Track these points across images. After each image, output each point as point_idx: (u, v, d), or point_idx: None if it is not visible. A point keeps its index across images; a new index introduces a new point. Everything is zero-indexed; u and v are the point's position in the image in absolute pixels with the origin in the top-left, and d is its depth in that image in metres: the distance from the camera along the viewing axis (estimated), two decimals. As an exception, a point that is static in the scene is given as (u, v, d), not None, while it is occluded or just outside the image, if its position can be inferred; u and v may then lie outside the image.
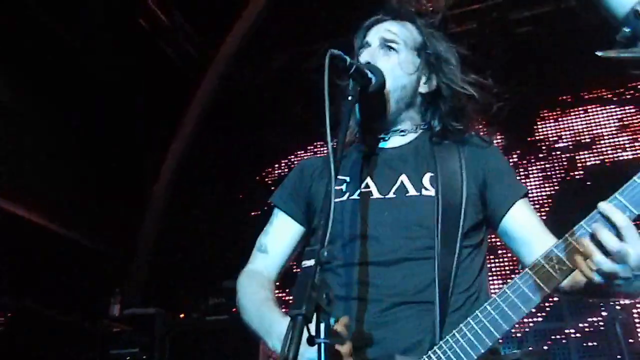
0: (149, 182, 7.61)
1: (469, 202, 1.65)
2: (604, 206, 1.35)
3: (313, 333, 1.14)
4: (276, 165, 8.19)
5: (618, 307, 5.16)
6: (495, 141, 1.84)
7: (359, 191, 1.72)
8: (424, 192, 1.67)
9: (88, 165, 6.46)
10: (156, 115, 7.01)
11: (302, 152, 8.05)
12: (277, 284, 1.93)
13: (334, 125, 1.90)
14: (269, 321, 1.58)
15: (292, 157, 8.14)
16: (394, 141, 1.83)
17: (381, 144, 1.83)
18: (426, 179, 1.69)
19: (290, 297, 1.26)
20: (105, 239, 6.67)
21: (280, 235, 1.90)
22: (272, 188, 7.99)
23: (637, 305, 5.68)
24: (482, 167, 1.73)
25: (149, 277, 7.31)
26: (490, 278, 6.22)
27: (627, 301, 5.54)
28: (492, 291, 1.66)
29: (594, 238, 1.32)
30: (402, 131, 1.83)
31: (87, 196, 6.44)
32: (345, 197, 1.72)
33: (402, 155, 1.78)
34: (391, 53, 1.80)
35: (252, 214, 7.72)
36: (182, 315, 5.60)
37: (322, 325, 1.15)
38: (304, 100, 7.26)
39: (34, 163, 5.75)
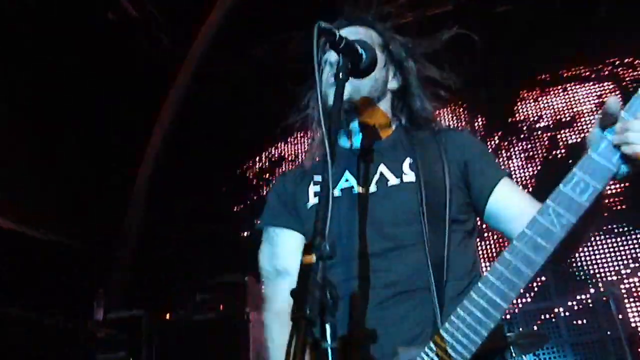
0: (128, 180, 7.47)
1: (453, 185, 1.63)
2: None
3: (318, 336, 1.06)
4: (257, 159, 8.10)
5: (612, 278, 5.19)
6: (475, 124, 1.85)
7: (340, 187, 1.69)
8: (404, 178, 1.65)
9: (66, 165, 6.33)
10: (132, 112, 6.87)
11: (282, 143, 7.96)
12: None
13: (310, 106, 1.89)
14: None
15: (273, 149, 8.04)
16: (370, 135, 1.80)
17: (359, 139, 1.80)
18: (406, 165, 1.68)
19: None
20: (86, 240, 6.54)
21: (290, 251, 1.75)
22: (254, 182, 7.94)
23: (625, 282, 5.74)
24: (461, 151, 1.72)
25: (132, 277, 7.19)
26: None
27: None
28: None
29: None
30: (378, 128, 1.82)
31: (66, 196, 6.31)
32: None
33: (380, 148, 1.77)
34: None
35: (235, 208, 7.64)
36: (168, 316, 5.50)
37: (328, 328, 1.06)
38: (283, 92, 7.16)
39: (9, 165, 5.61)
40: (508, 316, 5.78)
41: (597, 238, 5.90)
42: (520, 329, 5.57)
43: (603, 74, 6.88)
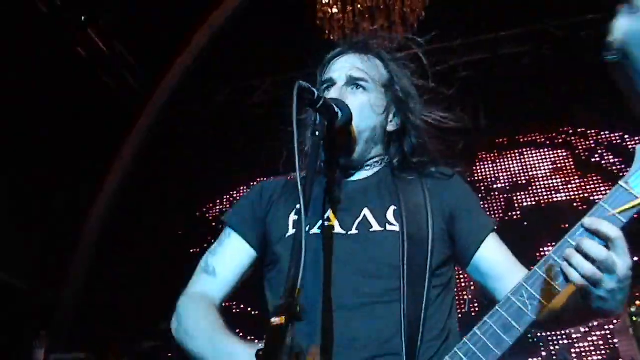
0: (80, 217, 7.25)
1: (437, 238, 1.57)
2: (589, 221, 1.26)
3: None
4: (217, 201, 8.03)
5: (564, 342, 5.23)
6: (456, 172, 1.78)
7: (319, 225, 1.61)
8: (388, 227, 1.57)
9: (13, 202, 6.09)
10: (92, 149, 6.75)
11: (245, 187, 7.94)
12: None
13: (288, 160, 1.84)
14: (229, 350, 1.42)
15: (234, 192, 8.00)
16: (356, 174, 1.74)
17: (343, 178, 1.74)
18: (390, 213, 1.60)
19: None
20: (31, 278, 6.26)
21: (231, 258, 1.73)
22: (213, 224, 7.85)
23: (576, 346, 5.83)
24: (448, 201, 1.66)
25: (76, 318, 6.88)
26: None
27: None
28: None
29: (578, 250, 1.24)
30: (367, 165, 1.75)
31: (11, 235, 6.05)
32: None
33: (364, 188, 1.69)
34: (359, 92, 1.71)
35: (192, 251, 7.48)
36: (112, 360, 5.28)
37: None
38: (246, 136, 7.19)
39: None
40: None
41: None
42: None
43: (557, 142, 7.19)
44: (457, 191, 1.70)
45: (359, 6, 5.61)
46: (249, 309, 6.51)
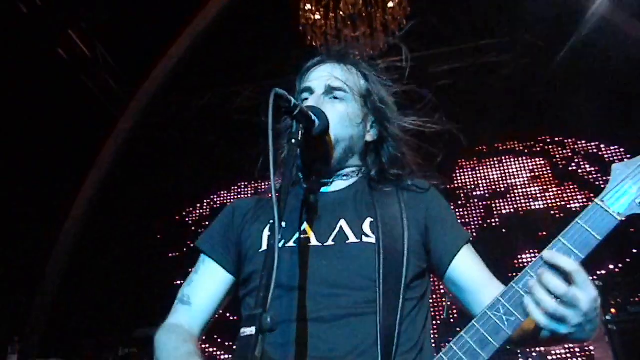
0: (57, 221, 7.15)
1: (412, 250, 1.56)
2: (547, 255, 1.28)
3: None
4: (198, 205, 7.98)
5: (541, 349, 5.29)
6: (432, 185, 1.77)
7: (295, 238, 1.59)
8: (364, 239, 1.56)
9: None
10: (71, 150, 6.66)
11: (225, 192, 7.91)
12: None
13: (263, 167, 1.82)
14: None
15: (215, 197, 7.96)
16: (333, 185, 1.73)
17: (320, 189, 1.72)
18: (366, 225, 1.59)
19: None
20: (3, 283, 6.14)
21: (207, 285, 1.70)
22: (193, 228, 7.80)
23: (552, 352, 5.89)
24: (423, 213, 1.65)
25: (50, 324, 6.76)
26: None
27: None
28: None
29: (540, 283, 1.26)
30: (344, 176, 1.74)
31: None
32: (280, 245, 1.56)
33: (341, 199, 1.68)
34: (337, 101, 1.71)
35: (170, 255, 7.42)
36: (87, 367, 5.19)
37: None
38: (226, 140, 7.17)
39: None
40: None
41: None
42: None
43: (535, 150, 7.29)
44: (433, 204, 1.70)
45: (341, 13, 5.64)
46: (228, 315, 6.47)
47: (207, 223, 7.70)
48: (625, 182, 1.32)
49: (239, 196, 7.84)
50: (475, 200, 7.11)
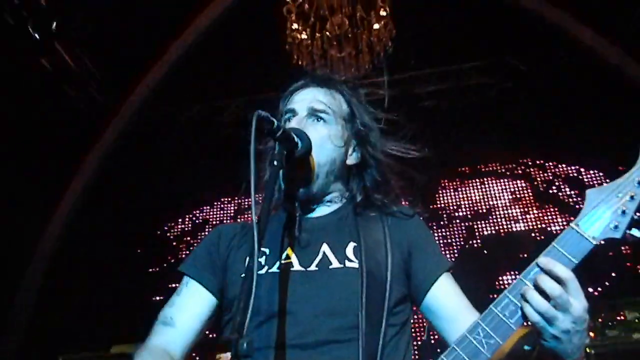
0: (35, 233, 7.03)
1: (395, 275, 1.56)
2: (544, 260, 1.30)
3: None
4: (179, 220, 7.91)
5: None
6: (416, 212, 1.77)
7: (278, 263, 1.58)
8: (347, 263, 1.56)
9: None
10: (53, 162, 6.59)
11: (208, 207, 7.86)
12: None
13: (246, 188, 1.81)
14: None
15: (197, 212, 7.91)
16: (317, 211, 1.72)
17: (303, 214, 1.71)
18: (350, 250, 1.59)
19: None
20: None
21: (190, 307, 1.67)
22: (174, 243, 7.69)
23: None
24: (406, 238, 1.66)
25: (27, 338, 6.62)
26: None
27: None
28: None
29: (536, 287, 1.28)
30: (328, 201, 1.73)
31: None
32: (263, 271, 1.57)
33: (324, 225, 1.67)
34: (319, 124, 1.71)
35: (150, 270, 7.33)
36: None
37: None
38: (211, 155, 7.15)
39: None
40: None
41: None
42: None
43: (517, 173, 7.37)
44: (416, 231, 1.71)
45: (327, 33, 5.69)
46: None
47: (188, 238, 7.68)
48: (599, 207, 1.35)
49: (222, 212, 7.80)
50: (458, 221, 7.15)
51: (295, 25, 5.72)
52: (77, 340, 6.28)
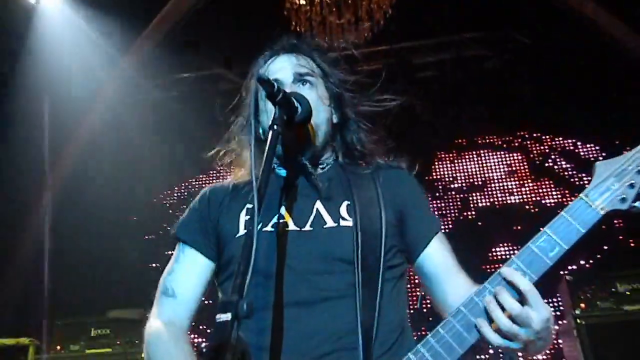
0: (32, 195, 7.00)
1: (389, 232, 1.59)
2: (505, 271, 1.35)
3: None
4: (175, 188, 7.91)
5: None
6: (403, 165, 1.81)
7: (273, 222, 1.60)
8: (342, 222, 1.59)
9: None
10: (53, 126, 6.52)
11: (204, 176, 7.84)
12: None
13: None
14: None
15: (193, 180, 7.90)
16: (310, 171, 1.72)
17: (297, 174, 1.72)
18: (343, 208, 1.62)
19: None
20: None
21: (189, 274, 1.69)
22: (170, 211, 7.69)
23: None
24: (399, 196, 1.69)
25: (22, 303, 6.66)
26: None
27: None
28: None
29: (496, 300, 1.32)
30: (321, 162, 1.76)
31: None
32: (257, 228, 1.59)
33: (317, 185, 1.68)
34: (307, 87, 1.72)
35: (146, 237, 7.35)
36: (58, 347, 5.12)
37: None
38: (206, 124, 7.10)
39: None
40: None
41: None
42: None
43: (513, 145, 7.37)
44: (408, 187, 1.75)
45: (326, -1, 5.61)
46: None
47: (184, 206, 7.65)
48: (608, 179, 1.39)
49: (217, 180, 7.78)
50: (453, 193, 7.18)
51: (293, -9, 5.63)
52: (73, 305, 6.34)
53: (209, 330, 5.45)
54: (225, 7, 6.52)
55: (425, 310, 5.29)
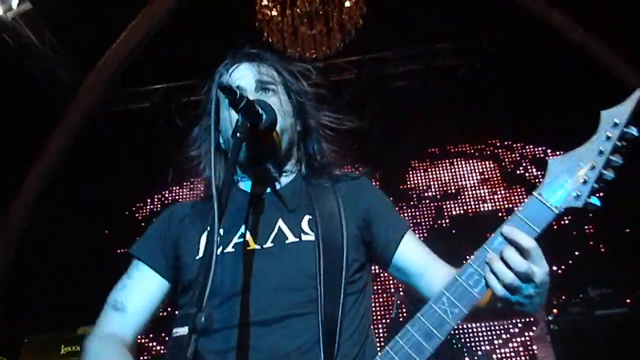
0: (1, 209, 6.84)
1: (351, 245, 1.57)
2: (507, 230, 1.32)
3: None
4: (148, 200, 7.80)
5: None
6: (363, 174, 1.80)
7: (233, 242, 1.58)
8: (303, 237, 1.56)
9: None
10: (16, 141, 6.39)
11: (178, 187, 7.77)
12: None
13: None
14: None
15: (166, 192, 7.81)
16: (271, 185, 1.71)
17: (257, 189, 1.70)
18: (305, 223, 1.60)
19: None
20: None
21: (141, 290, 1.65)
22: (142, 224, 7.61)
23: (498, 352, 6.05)
24: (362, 206, 1.67)
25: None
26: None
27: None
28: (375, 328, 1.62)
29: (502, 259, 1.29)
30: (284, 173, 1.73)
31: None
32: (218, 251, 1.48)
33: (278, 200, 1.67)
34: (270, 94, 1.70)
35: (119, 251, 7.22)
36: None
37: None
38: (180, 135, 7.03)
39: None
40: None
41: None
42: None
43: (485, 153, 7.46)
44: (370, 195, 1.73)
45: (297, 10, 5.62)
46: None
47: (156, 219, 7.56)
48: (561, 176, 1.36)
49: (191, 192, 7.71)
50: (427, 201, 7.22)
51: (265, 2, 5.63)
52: (43, 321, 6.19)
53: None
54: (197, 19, 6.49)
55: (401, 319, 5.31)
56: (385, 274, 5.86)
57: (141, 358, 6.42)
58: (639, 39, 5.81)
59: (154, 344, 6.60)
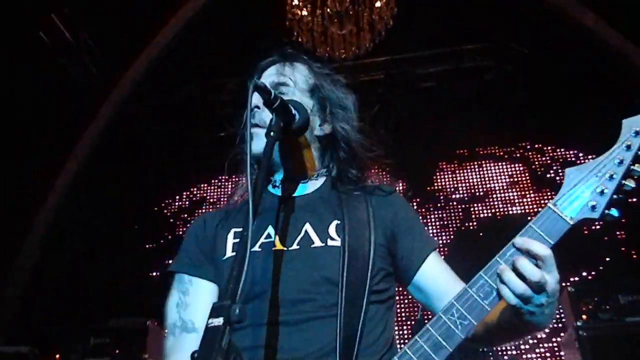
0: (31, 209, 7.00)
1: (377, 254, 1.56)
2: (520, 241, 1.29)
3: None
4: (177, 197, 7.91)
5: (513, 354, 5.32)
6: (397, 189, 1.78)
7: (260, 242, 1.59)
8: (329, 242, 1.56)
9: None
10: (49, 137, 6.55)
11: (205, 185, 7.86)
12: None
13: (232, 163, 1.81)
14: None
15: (195, 189, 7.90)
16: (300, 188, 1.71)
17: (286, 191, 1.70)
18: (332, 228, 1.59)
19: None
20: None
21: (203, 303, 1.61)
22: (171, 220, 7.68)
23: (524, 357, 5.97)
24: (391, 218, 1.65)
25: (21, 312, 6.64)
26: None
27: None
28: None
29: (514, 269, 1.27)
30: (313, 177, 1.74)
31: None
32: None
33: (307, 203, 1.67)
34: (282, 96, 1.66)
35: (147, 246, 7.35)
36: (57, 356, 5.10)
37: None
38: (209, 133, 7.12)
39: None
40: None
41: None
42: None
43: (515, 156, 7.37)
44: (400, 210, 1.70)
45: (328, 10, 5.63)
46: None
47: (185, 215, 7.67)
48: (578, 187, 1.33)
49: (219, 190, 7.79)
50: (454, 203, 7.16)
51: (295, 1, 5.65)
52: (74, 313, 6.33)
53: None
54: (227, 19, 6.55)
55: (426, 321, 5.30)
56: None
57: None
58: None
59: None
